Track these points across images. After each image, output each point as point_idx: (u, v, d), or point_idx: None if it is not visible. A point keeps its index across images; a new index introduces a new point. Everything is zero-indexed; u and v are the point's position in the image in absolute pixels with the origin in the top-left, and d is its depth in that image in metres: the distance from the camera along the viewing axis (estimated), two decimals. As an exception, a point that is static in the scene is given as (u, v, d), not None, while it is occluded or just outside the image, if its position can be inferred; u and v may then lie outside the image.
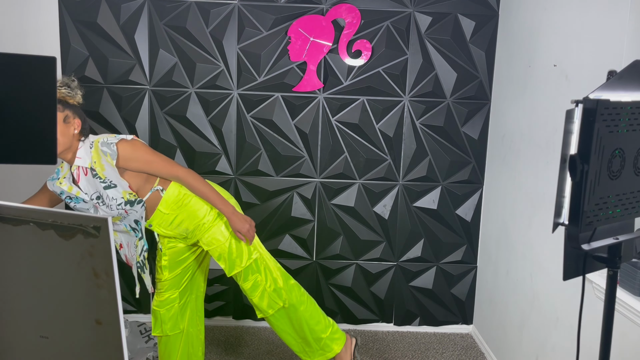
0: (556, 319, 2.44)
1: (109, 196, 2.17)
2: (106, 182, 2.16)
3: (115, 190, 2.17)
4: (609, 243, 1.43)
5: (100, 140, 2.17)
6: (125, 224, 2.28)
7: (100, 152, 2.15)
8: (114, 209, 2.19)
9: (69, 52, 3.20)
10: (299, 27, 3.20)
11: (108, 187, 2.16)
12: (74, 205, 2.22)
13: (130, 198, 2.20)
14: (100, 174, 2.16)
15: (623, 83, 1.38)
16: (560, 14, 2.48)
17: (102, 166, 2.15)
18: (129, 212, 2.22)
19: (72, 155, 2.19)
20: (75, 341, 1.18)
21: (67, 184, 2.20)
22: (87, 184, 2.17)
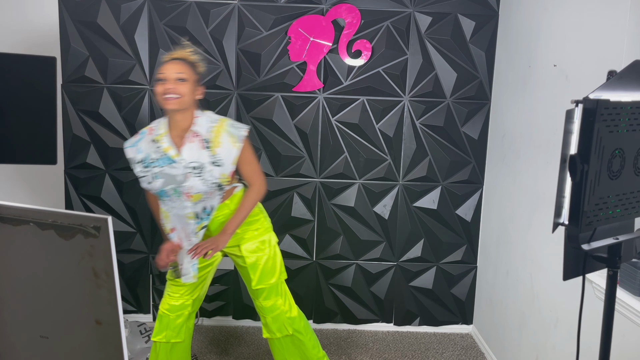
0: (556, 319, 2.44)
1: (211, 172, 2.20)
2: (215, 158, 2.20)
3: (219, 169, 2.21)
4: (609, 243, 1.43)
5: (228, 121, 2.25)
6: (198, 208, 2.26)
7: (227, 130, 2.21)
8: (207, 184, 2.21)
9: (69, 52, 3.20)
10: (299, 27, 3.20)
11: (214, 163, 2.20)
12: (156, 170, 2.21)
13: (223, 182, 2.25)
14: (213, 149, 2.19)
15: (623, 83, 1.38)
16: (560, 14, 2.48)
17: (219, 143, 2.20)
18: (212, 194, 2.24)
19: (183, 119, 2.20)
20: (75, 341, 1.18)
21: (166, 143, 2.21)
22: (191, 151, 2.19)
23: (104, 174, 3.34)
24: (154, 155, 2.22)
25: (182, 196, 2.23)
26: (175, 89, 2.13)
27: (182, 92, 2.14)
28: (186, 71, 2.17)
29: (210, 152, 2.19)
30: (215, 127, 2.22)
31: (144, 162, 2.25)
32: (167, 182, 2.21)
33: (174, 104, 2.14)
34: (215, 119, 2.25)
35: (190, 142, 2.19)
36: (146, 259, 3.45)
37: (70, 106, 3.26)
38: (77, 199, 3.36)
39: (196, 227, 2.29)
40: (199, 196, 2.23)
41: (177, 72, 2.15)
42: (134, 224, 3.40)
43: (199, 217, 2.28)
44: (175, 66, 2.16)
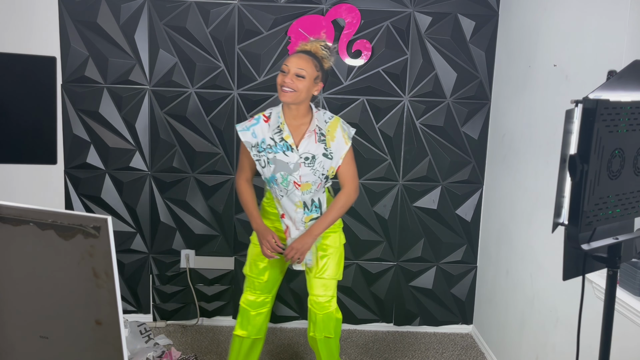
0: (556, 319, 2.44)
1: (322, 163, 2.32)
2: (327, 151, 2.32)
3: (329, 162, 2.33)
4: (608, 243, 1.43)
5: (341, 119, 2.40)
6: (307, 198, 2.37)
7: (341, 127, 2.36)
8: (317, 174, 2.33)
9: (69, 52, 3.20)
10: (299, 27, 3.20)
11: (326, 156, 2.32)
12: (270, 156, 2.31)
13: (331, 174, 2.37)
14: (327, 142, 2.32)
15: (623, 83, 1.38)
16: (560, 14, 2.48)
17: (333, 137, 2.33)
18: (319, 186, 2.36)
19: (297, 111, 2.31)
20: (75, 341, 1.18)
21: (287, 131, 2.31)
22: (308, 143, 2.31)
23: (104, 174, 3.34)
24: (269, 141, 2.32)
25: (290, 185, 2.34)
26: (292, 84, 2.21)
27: (298, 88, 2.22)
28: (308, 67, 2.24)
29: (325, 145, 2.32)
30: (331, 122, 2.36)
31: (259, 147, 2.34)
32: (278, 169, 2.31)
33: (288, 97, 2.23)
34: (330, 116, 2.39)
35: (308, 135, 2.32)
36: (146, 259, 3.45)
37: (70, 106, 3.26)
38: (77, 199, 3.36)
39: (304, 217, 2.40)
40: (307, 186, 2.34)
41: (298, 68, 2.22)
42: (134, 224, 3.41)
43: (308, 208, 2.39)
44: (300, 61, 2.24)
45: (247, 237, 3.42)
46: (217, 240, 3.44)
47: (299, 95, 2.24)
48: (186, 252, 3.44)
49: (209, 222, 3.42)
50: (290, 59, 2.26)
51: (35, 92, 2.30)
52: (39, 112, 2.31)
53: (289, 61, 2.25)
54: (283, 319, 3.53)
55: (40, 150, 2.35)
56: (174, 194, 3.38)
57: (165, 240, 3.43)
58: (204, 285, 3.50)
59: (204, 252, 3.45)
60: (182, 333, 3.43)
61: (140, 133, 3.30)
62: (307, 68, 2.24)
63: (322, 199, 2.42)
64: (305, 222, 2.41)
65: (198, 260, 3.46)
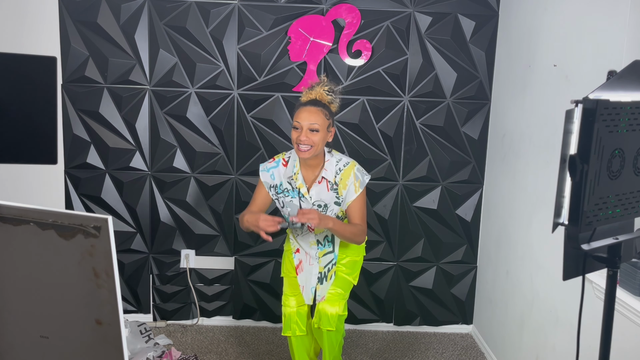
0: (556, 319, 2.44)
1: (333, 210, 2.42)
2: (339, 199, 2.41)
3: (339, 207, 2.42)
4: (608, 243, 1.43)
5: (356, 166, 2.42)
6: (320, 238, 2.50)
7: (354, 175, 2.39)
8: None
9: (69, 52, 3.20)
10: (299, 27, 3.20)
11: (337, 204, 2.41)
12: (285, 198, 2.43)
13: (341, 215, 2.48)
14: (339, 191, 2.39)
15: (623, 83, 1.38)
16: (560, 14, 2.48)
17: (345, 185, 2.39)
18: None
19: (312, 161, 2.38)
20: (75, 341, 1.18)
21: (300, 180, 2.40)
22: (319, 193, 2.40)
23: (104, 174, 3.34)
24: (287, 185, 2.44)
25: (305, 228, 2.47)
26: (308, 140, 2.28)
27: (315, 142, 2.29)
28: (319, 120, 2.30)
29: (337, 194, 2.40)
30: (345, 170, 2.39)
31: (277, 188, 2.46)
32: (294, 212, 2.42)
33: (307, 154, 2.31)
34: (345, 163, 2.42)
35: (318, 184, 2.39)
36: (146, 259, 3.45)
37: (70, 106, 3.26)
38: (77, 199, 3.36)
39: (318, 253, 2.52)
40: (321, 229, 2.44)
41: (310, 123, 2.28)
42: (134, 224, 3.41)
43: (321, 244, 2.52)
44: (310, 116, 2.29)
45: (247, 237, 3.43)
46: (217, 240, 3.44)
47: (316, 149, 2.32)
48: (186, 252, 3.44)
49: (209, 222, 3.42)
50: (301, 115, 2.31)
51: (35, 92, 2.30)
52: (39, 112, 2.31)
53: (300, 117, 2.30)
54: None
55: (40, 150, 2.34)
56: (174, 194, 3.38)
57: (165, 240, 3.43)
58: (204, 285, 3.50)
59: (204, 252, 3.45)
60: (182, 333, 3.43)
61: (140, 133, 3.30)
62: (318, 121, 2.30)
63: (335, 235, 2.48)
64: (319, 257, 2.52)
65: (198, 260, 3.46)
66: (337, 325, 2.50)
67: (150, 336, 3.13)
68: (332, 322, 2.48)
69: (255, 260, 3.47)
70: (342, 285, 2.53)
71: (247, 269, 3.48)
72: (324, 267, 2.52)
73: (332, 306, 2.49)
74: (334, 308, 2.48)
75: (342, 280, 2.54)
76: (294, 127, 2.32)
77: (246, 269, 3.48)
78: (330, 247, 2.54)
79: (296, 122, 2.31)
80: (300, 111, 2.32)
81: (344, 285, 2.54)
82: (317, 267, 2.52)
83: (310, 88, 2.40)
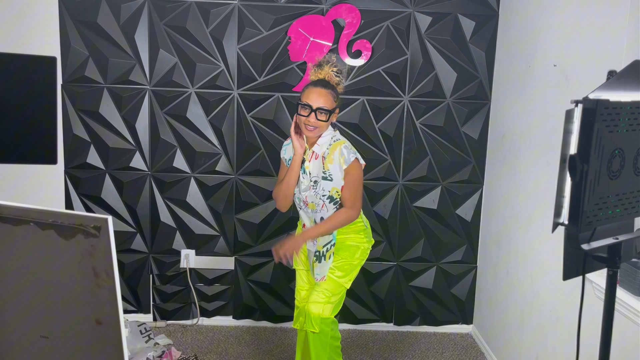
0: (556, 319, 2.44)
1: (321, 185, 2.41)
2: (326, 174, 2.40)
3: (329, 183, 2.40)
4: (608, 243, 1.43)
5: (344, 143, 2.41)
6: (316, 217, 2.48)
7: (339, 151, 2.38)
8: (318, 196, 2.43)
9: (69, 52, 3.20)
10: (299, 27, 3.20)
11: (325, 179, 2.41)
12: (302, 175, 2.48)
13: (334, 195, 2.43)
14: (325, 165, 2.40)
15: (623, 83, 1.38)
16: (561, 14, 2.48)
17: (331, 160, 2.40)
18: (325, 206, 2.44)
19: (316, 139, 2.42)
20: (75, 341, 1.18)
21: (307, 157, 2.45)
22: (314, 166, 2.44)
23: (104, 174, 3.34)
24: None
25: (301, 202, 2.49)
26: (315, 122, 2.34)
27: (321, 124, 2.36)
28: (328, 103, 2.35)
29: (324, 168, 2.40)
30: (332, 145, 2.40)
31: (287, 162, 2.53)
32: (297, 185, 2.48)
33: (313, 133, 2.37)
34: (336, 139, 2.43)
35: (315, 159, 2.43)
36: (146, 259, 3.45)
37: (70, 106, 3.26)
38: (77, 199, 3.36)
39: None
40: (312, 205, 2.46)
41: (319, 105, 2.33)
42: (134, 224, 3.41)
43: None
44: (320, 98, 2.34)
45: (247, 237, 3.43)
46: (217, 240, 3.44)
47: (322, 129, 2.38)
48: (186, 252, 3.44)
49: (209, 222, 3.42)
50: (310, 96, 2.35)
51: (35, 92, 2.30)
52: (39, 112, 2.31)
53: (310, 98, 2.34)
54: (283, 319, 3.53)
55: (40, 150, 2.35)
56: (174, 194, 3.38)
57: (165, 240, 3.43)
58: (204, 285, 3.50)
59: (204, 252, 3.45)
60: (182, 333, 3.43)
61: (140, 133, 3.30)
62: (326, 104, 2.35)
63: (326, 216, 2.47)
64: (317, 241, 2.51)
65: (198, 260, 3.46)
66: (321, 327, 2.49)
67: (150, 336, 3.13)
68: (315, 323, 2.47)
69: (255, 260, 3.47)
70: (330, 288, 2.49)
71: (247, 269, 3.48)
72: (323, 246, 2.49)
73: (315, 307, 2.47)
74: (317, 308, 2.46)
75: (332, 283, 2.49)
76: (303, 106, 2.35)
77: (246, 269, 3.48)
78: None
79: (305, 101, 2.34)
80: (311, 91, 2.36)
81: (333, 287, 2.49)
82: (316, 245, 2.50)
83: (319, 66, 2.44)
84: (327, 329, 2.54)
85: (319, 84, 2.38)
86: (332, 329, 2.63)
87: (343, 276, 2.51)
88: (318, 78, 2.42)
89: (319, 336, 2.50)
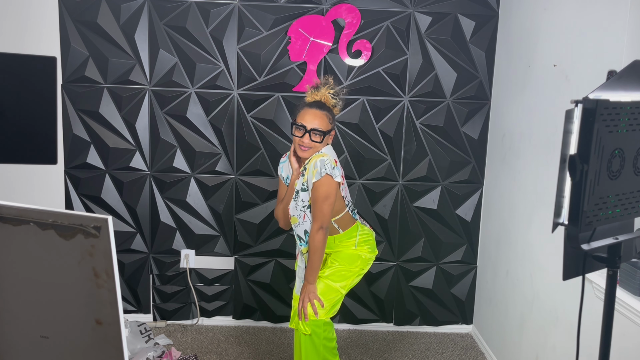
0: (556, 319, 2.44)
1: (300, 196, 2.41)
2: (304, 185, 2.40)
3: (306, 194, 2.39)
4: (608, 243, 1.43)
5: (325, 156, 2.34)
6: (299, 231, 2.45)
7: (314, 163, 2.34)
8: (299, 208, 2.42)
9: (69, 52, 3.20)
10: (299, 27, 3.20)
11: (303, 190, 2.41)
12: None
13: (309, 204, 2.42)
14: (305, 175, 2.39)
15: (623, 83, 1.38)
16: (560, 14, 2.48)
17: (307, 171, 2.37)
18: (306, 218, 2.42)
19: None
20: (75, 341, 1.18)
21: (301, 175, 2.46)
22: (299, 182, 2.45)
23: (104, 174, 3.34)
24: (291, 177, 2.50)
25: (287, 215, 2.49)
26: (310, 143, 2.35)
27: (315, 145, 2.35)
28: (323, 124, 2.35)
29: (303, 179, 2.41)
30: (313, 157, 2.37)
31: (285, 180, 2.54)
32: None
33: (306, 153, 2.37)
34: (317, 151, 2.38)
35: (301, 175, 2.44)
36: (146, 259, 3.45)
37: (70, 106, 3.26)
38: (77, 199, 3.36)
39: (302, 249, 2.49)
40: (295, 219, 2.45)
41: (314, 127, 2.33)
42: (134, 224, 3.41)
43: (303, 240, 2.46)
44: (314, 120, 2.34)
45: (247, 237, 3.43)
46: (217, 240, 3.44)
47: (315, 150, 2.37)
48: (186, 252, 3.44)
49: (209, 222, 3.42)
50: (305, 117, 2.35)
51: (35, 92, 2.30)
52: (39, 112, 2.31)
53: (305, 119, 2.34)
54: (283, 319, 3.53)
55: (40, 150, 2.35)
56: (174, 194, 3.38)
57: (165, 240, 3.43)
58: (204, 285, 3.50)
59: (204, 252, 3.45)
60: (182, 333, 3.43)
61: (140, 133, 3.30)
62: (321, 125, 2.34)
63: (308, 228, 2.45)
64: (303, 254, 2.50)
65: (198, 260, 3.46)
66: (312, 329, 2.49)
67: (150, 336, 3.13)
68: (306, 325, 2.48)
69: (255, 260, 3.47)
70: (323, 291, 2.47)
71: (247, 269, 3.48)
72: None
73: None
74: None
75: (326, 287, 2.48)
76: (297, 127, 2.34)
77: (246, 269, 3.48)
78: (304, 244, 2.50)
79: (300, 122, 2.34)
80: (306, 112, 2.36)
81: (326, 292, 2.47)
82: (304, 260, 2.50)
83: (315, 88, 2.43)
84: (319, 330, 2.53)
85: (315, 105, 2.37)
86: (325, 330, 2.61)
87: (338, 281, 2.49)
88: (314, 99, 2.41)
89: (311, 338, 2.50)
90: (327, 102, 2.41)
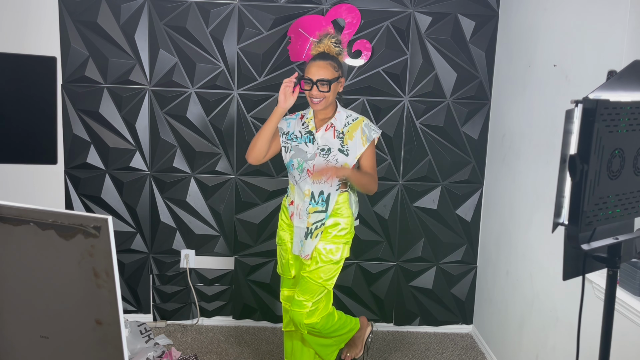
0: (556, 319, 2.44)
1: (336, 156, 2.47)
2: (344, 148, 2.48)
3: (344, 157, 2.47)
4: (608, 243, 1.43)
5: (365, 120, 2.53)
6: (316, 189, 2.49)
7: (362, 129, 2.50)
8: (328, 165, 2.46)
9: (69, 52, 3.20)
10: (299, 27, 3.20)
11: (341, 151, 2.48)
12: (295, 145, 2.52)
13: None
14: (345, 140, 2.48)
15: (623, 83, 1.38)
16: (561, 14, 2.48)
17: (352, 136, 2.49)
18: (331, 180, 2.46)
19: (325, 111, 2.51)
20: (75, 341, 1.18)
21: (312, 124, 2.52)
22: (324, 137, 2.50)
23: (104, 174, 3.34)
24: (297, 133, 2.54)
25: (304, 172, 2.50)
26: (319, 94, 2.41)
27: (325, 95, 2.42)
28: (328, 73, 2.41)
29: (342, 142, 2.48)
30: (353, 124, 2.50)
31: (288, 135, 2.56)
32: (296, 155, 2.51)
33: (319, 105, 2.44)
34: (354, 117, 2.53)
35: (325, 130, 2.50)
36: (146, 259, 3.45)
37: (70, 106, 3.26)
38: (77, 199, 3.36)
39: (309, 208, 2.50)
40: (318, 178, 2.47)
41: (319, 78, 2.39)
42: (134, 224, 3.41)
43: (315, 200, 2.50)
44: (319, 70, 2.40)
45: (247, 237, 3.43)
46: (217, 240, 3.44)
47: (327, 100, 2.44)
48: (186, 252, 3.44)
49: (209, 222, 3.42)
50: (311, 70, 2.41)
51: (35, 92, 2.30)
52: (39, 112, 2.31)
53: (310, 72, 2.41)
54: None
55: (40, 150, 2.35)
56: (174, 194, 3.38)
57: (165, 240, 3.43)
58: (204, 285, 3.50)
59: (204, 252, 3.45)
60: (182, 333, 3.43)
61: (140, 133, 3.30)
62: (327, 75, 2.40)
63: (332, 196, 2.49)
64: (309, 213, 2.50)
65: (198, 260, 3.46)
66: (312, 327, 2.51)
67: (150, 336, 3.13)
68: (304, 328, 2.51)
69: (255, 260, 3.47)
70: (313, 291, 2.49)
71: (247, 269, 3.48)
72: (312, 223, 2.50)
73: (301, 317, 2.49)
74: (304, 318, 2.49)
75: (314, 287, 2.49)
76: (305, 81, 2.42)
77: (246, 269, 3.48)
78: (324, 206, 2.51)
79: (307, 76, 2.41)
80: (310, 66, 2.43)
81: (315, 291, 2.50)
82: (306, 221, 2.51)
83: (318, 41, 2.51)
84: (323, 322, 2.56)
85: (318, 57, 2.45)
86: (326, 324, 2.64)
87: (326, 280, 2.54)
88: (318, 52, 2.49)
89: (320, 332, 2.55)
90: (330, 52, 2.48)
